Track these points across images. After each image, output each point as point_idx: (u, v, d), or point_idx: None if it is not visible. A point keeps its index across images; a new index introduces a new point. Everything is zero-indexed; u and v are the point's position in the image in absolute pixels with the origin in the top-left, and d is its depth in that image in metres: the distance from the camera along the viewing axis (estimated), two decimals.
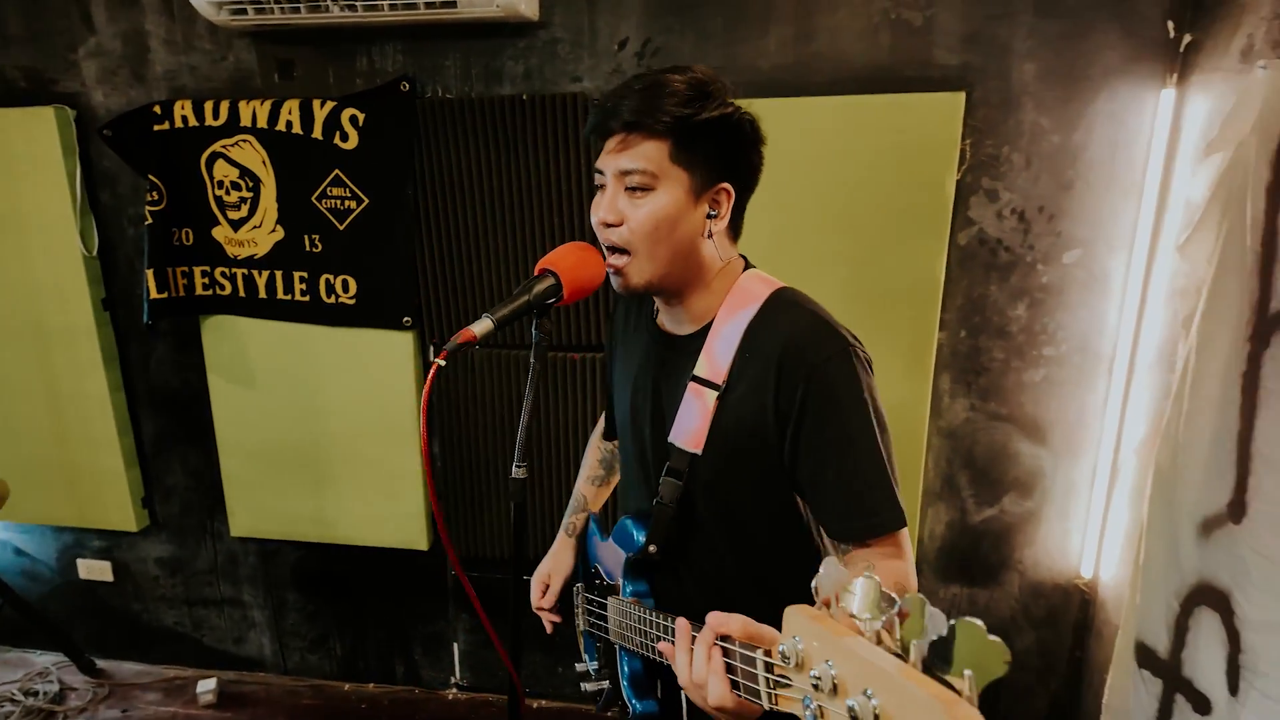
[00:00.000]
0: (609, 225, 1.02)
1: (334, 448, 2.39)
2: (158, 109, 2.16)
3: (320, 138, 2.11)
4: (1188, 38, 1.78)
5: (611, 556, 1.23)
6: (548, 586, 1.36)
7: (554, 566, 1.37)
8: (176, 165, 2.19)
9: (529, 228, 2.12)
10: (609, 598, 1.20)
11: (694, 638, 0.81)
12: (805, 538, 1.11)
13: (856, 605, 0.58)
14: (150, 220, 2.17)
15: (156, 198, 2.17)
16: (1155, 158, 1.86)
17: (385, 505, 2.40)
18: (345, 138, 2.10)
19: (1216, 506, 1.50)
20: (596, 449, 1.46)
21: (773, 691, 0.70)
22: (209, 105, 2.14)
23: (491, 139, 2.07)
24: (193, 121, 2.15)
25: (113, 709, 2.54)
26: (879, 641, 0.56)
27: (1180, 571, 1.59)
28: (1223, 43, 1.66)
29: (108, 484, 2.52)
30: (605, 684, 1.31)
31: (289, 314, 2.27)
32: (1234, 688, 1.42)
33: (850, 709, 0.55)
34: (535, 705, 2.51)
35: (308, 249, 2.20)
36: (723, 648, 0.76)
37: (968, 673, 0.49)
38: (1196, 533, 1.57)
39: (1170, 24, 1.79)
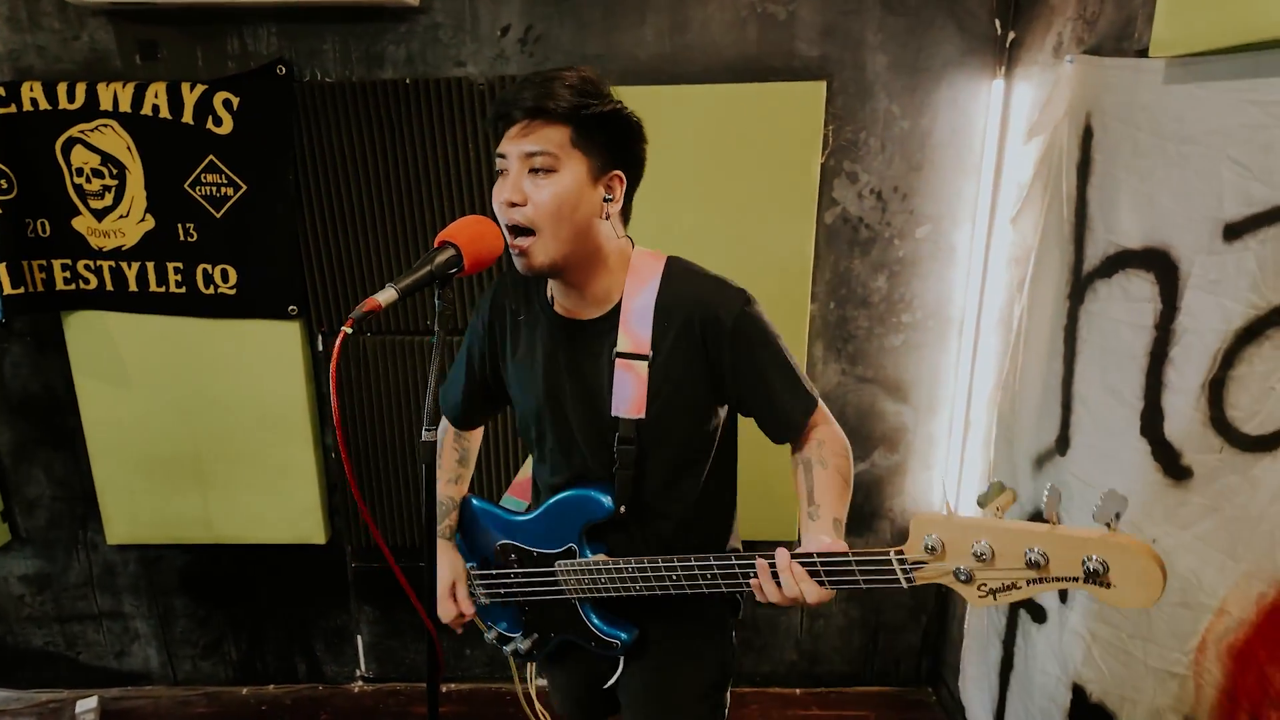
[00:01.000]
0: (514, 205, 1.08)
1: (219, 445, 2.31)
2: (1, 91, 2.01)
3: (191, 122, 2.03)
4: (1011, 34, 2.02)
5: (544, 529, 1.33)
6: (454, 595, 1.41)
7: (452, 574, 1.41)
8: (26, 151, 2.05)
9: (415, 212, 2.13)
10: (556, 564, 1.30)
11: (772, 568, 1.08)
12: (717, 479, 1.32)
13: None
14: (0, 211, 2.02)
15: (5, 186, 2.03)
16: (990, 141, 2.09)
17: (278, 501, 2.34)
18: (219, 122, 2.03)
19: (1047, 443, 1.74)
20: (451, 448, 1.46)
21: (910, 574, 0.99)
22: (62, 87, 2.01)
23: (375, 123, 2.06)
24: (44, 105, 2.02)
25: None
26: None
27: (1019, 502, 1.82)
28: (1038, 39, 1.90)
29: None
30: (535, 636, 1.40)
31: (163, 307, 2.17)
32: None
33: (1079, 569, 0.87)
34: (445, 689, 2.53)
35: (182, 238, 2.12)
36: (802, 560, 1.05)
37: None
38: (1032, 466, 1.81)
39: (997, 22, 2.02)
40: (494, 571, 1.41)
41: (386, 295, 0.96)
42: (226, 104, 2.02)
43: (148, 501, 2.35)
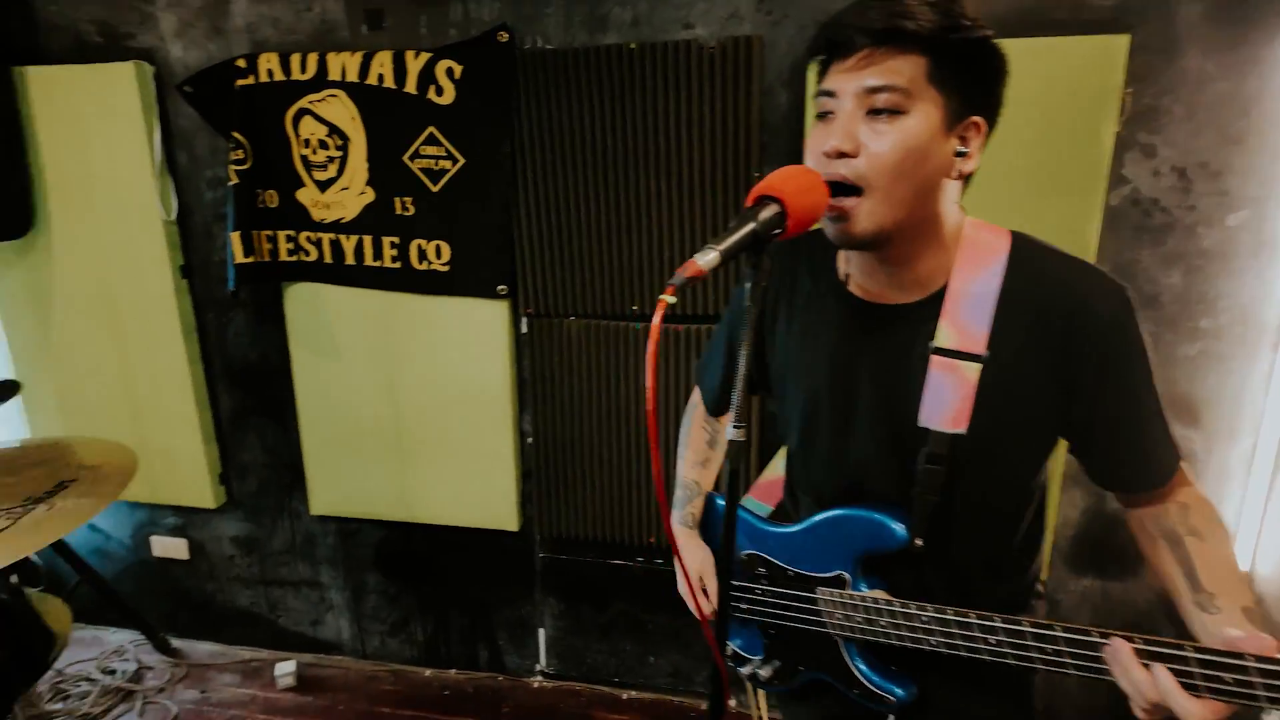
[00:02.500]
0: (842, 155, 0.87)
1: (420, 423, 2.27)
2: (241, 62, 2.05)
3: (414, 92, 1.98)
4: None
5: (807, 546, 1.11)
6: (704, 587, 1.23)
7: (700, 562, 1.23)
8: (261, 122, 2.08)
9: (635, 190, 1.97)
10: (819, 590, 1.08)
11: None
12: (1036, 511, 1.04)
13: None
14: (236, 180, 2.06)
15: (242, 156, 2.06)
16: None
17: (473, 484, 2.29)
18: (440, 92, 1.97)
19: None
20: (701, 428, 1.32)
21: None
22: (295, 58, 2.02)
23: (595, 93, 1.93)
24: (279, 75, 2.04)
25: (191, 689, 2.47)
26: None
27: None
28: None
29: (184, 460, 2.43)
30: (778, 664, 1.21)
31: (378, 281, 2.15)
32: None
33: None
34: (625, 696, 2.39)
35: (399, 212, 2.08)
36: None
37: None
38: None
39: None
40: (736, 583, 1.21)
41: (708, 258, 0.77)
42: (449, 73, 1.95)
43: (349, 475, 2.36)
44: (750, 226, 0.80)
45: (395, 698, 2.43)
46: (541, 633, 2.46)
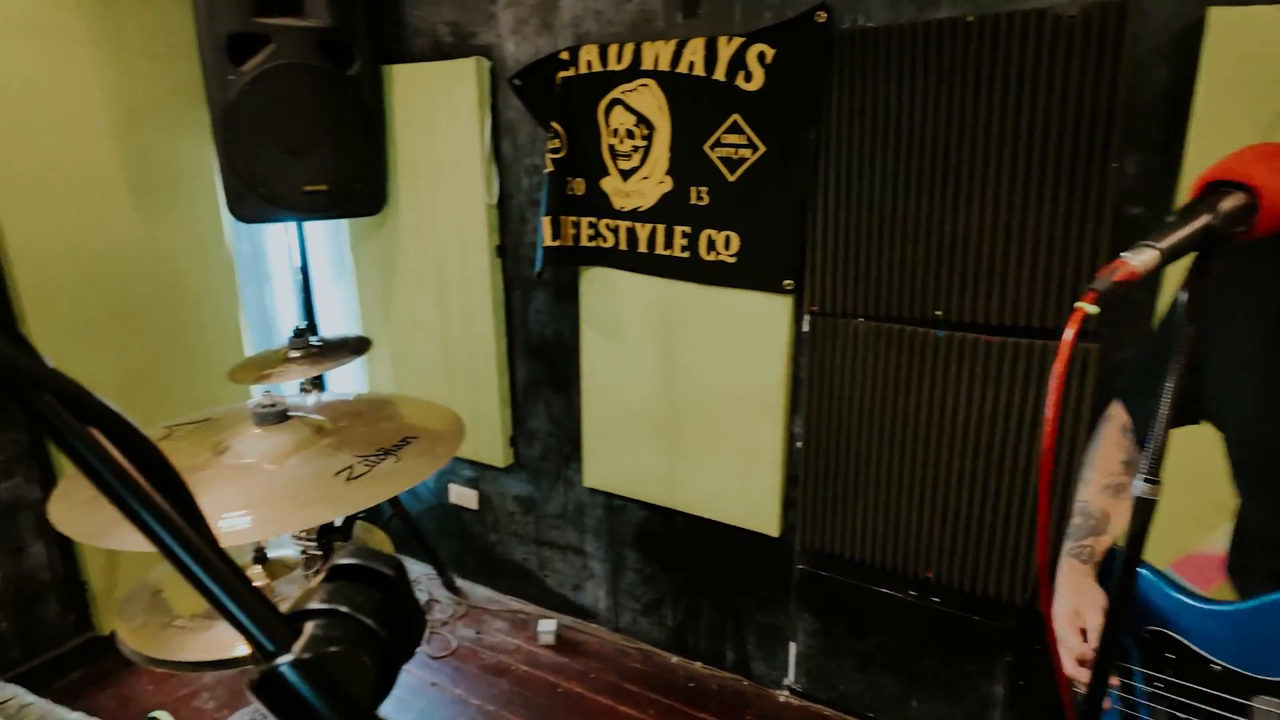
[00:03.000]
0: None
1: (692, 412, 2.27)
2: (564, 55, 2.17)
3: (722, 79, 1.95)
4: None
5: (1249, 636, 0.86)
6: (1083, 630, 0.99)
7: (1082, 601, 1.00)
8: (577, 113, 2.19)
9: (954, 182, 1.76)
10: (1256, 701, 0.83)
11: None
12: None
13: None
14: (551, 169, 2.20)
15: (558, 146, 2.20)
16: None
17: (738, 481, 2.24)
18: (749, 78, 1.92)
19: None
20: (1116, 445, 1.08)
21: None
22: (613, 49, 2.09)
23: (919, 73, 1.74)
24: (596, 66, 2.13)
25: (469, 628, 2.73)
26: None
27: None
28: None
29: (483, 420, 2.69)
30: None
31: (666, 270, 2.17)
32: None
33: None
34: None
35: (693, 201, 2.08)
36: None
37: None
38: None
39: None
40: (1129, 665, 0.98)
41: (1144, 258, 0.61)
42: (760, 57, 1.89)
43: (621, 453, 2.44)
44: (1204, 220, 0.62)
45: (642, 678, 2.48)
46: (793, 646, 2.35)
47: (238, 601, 0.34)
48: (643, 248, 2.20)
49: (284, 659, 0.33)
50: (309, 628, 0.36)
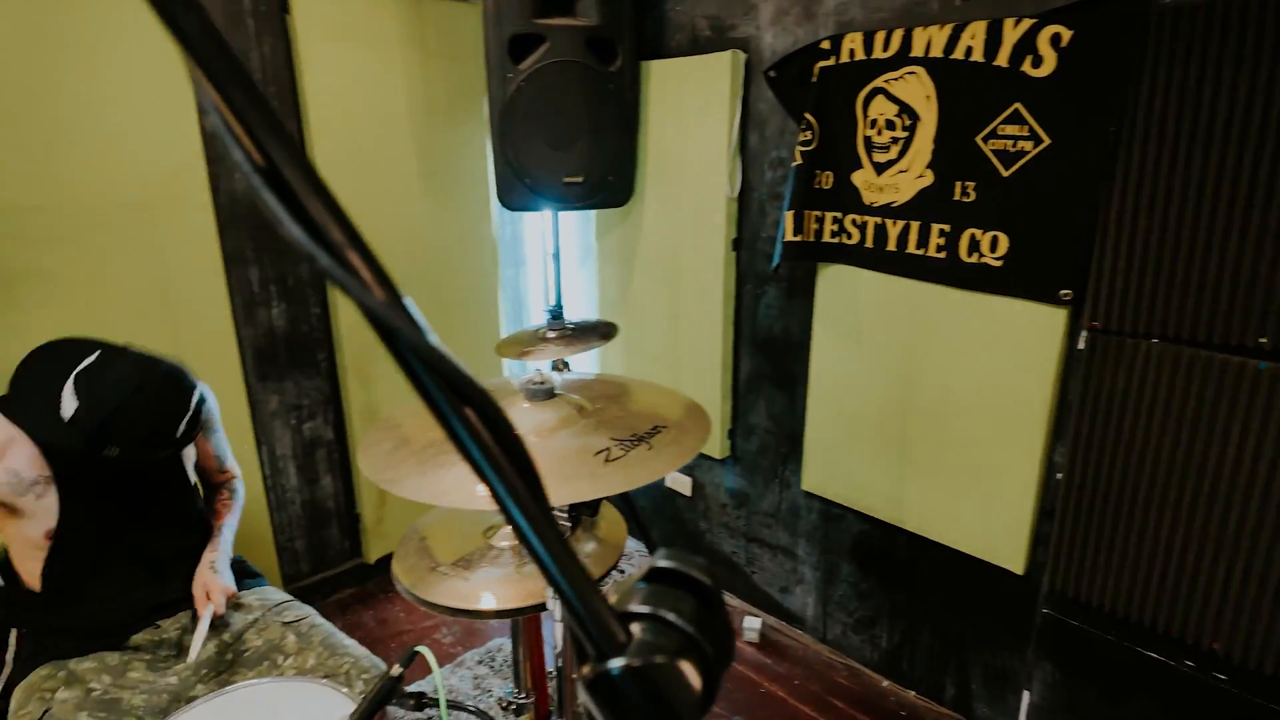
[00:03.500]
0: None
1: (931, 426, 2.11)
2: (825, 44, 2.10)
3: (1005, 65, 1.77)
4: None
5: None
6: None
7: None
8: (833, 104, 2.11)
9: None
10: None
11: None
12: None
13: None
14: (800, 161, 2.15)
15: (809, 138, 2.13)
16: None
17: (979, 507, 2.05)
18: (1038, 63, 1.72)
19: None
20: None
21: None
22: (879, 37, 1.98)
23: (1266, 52, 1.45)
24: (859, 55, 2.03)
25: None
26: None
27: None
28: None
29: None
30: None
31: (917, 271, 2.03)
32: None
33: None
34: None
35: (956, 197, 1.92)
36: None
37: None
38: None
39: None
40: None
41: None
42: (1054, 40, 1.69)
43: (844, 460, 2.34)
44: None
45: (849, 695, 2.38)
46: (1026, 695, 2.11)
47: (580, 595, 0.35)
48: (891, 246, 2.07)
49: (616, 663, 0.34)
50: (636, 631, 0.36)
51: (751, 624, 2.64)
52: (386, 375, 2.77)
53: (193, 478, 1.78)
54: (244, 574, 1.81)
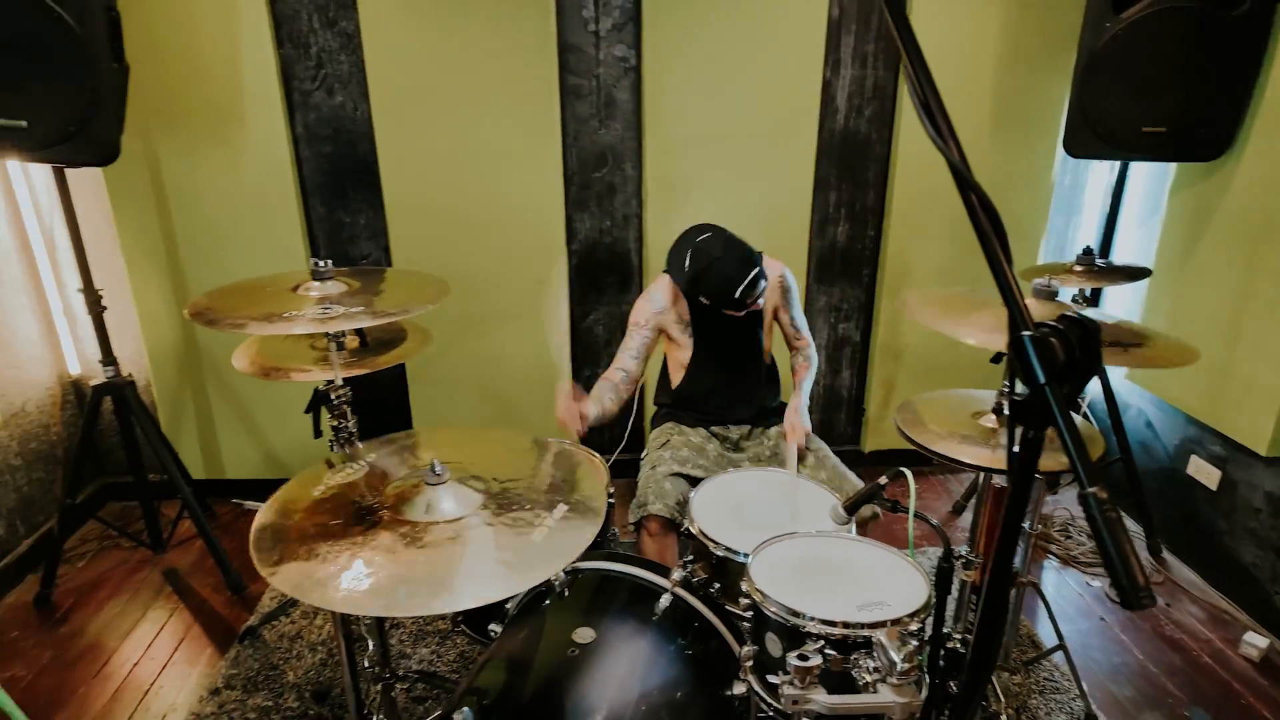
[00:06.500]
0: None
1: None
2: None
3: None
4: None
5: None
6: None
7: None
8: None
9: None
10: None
11: None
12: None
13: None
14: None
15: None
16: None
17: None
18: None
19: None
20: None
21: None
22: None
23: None
24: None
25: (1160, 597, 2.65)
26: None
27: None
28: None
29: (1250, 389, 2.42)
30: None
31: None
32: None
33: None
34: None
35: None
36: None
37: None
38: None
39: None
40: None
41: None
42: None
43: None
44: None
45: None
46: None
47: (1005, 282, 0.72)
48: None
49: (1026, 333, 0.71)
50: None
51: (1256, 640, 2.36)
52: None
53: (765, 342, 2.46)
54: None
